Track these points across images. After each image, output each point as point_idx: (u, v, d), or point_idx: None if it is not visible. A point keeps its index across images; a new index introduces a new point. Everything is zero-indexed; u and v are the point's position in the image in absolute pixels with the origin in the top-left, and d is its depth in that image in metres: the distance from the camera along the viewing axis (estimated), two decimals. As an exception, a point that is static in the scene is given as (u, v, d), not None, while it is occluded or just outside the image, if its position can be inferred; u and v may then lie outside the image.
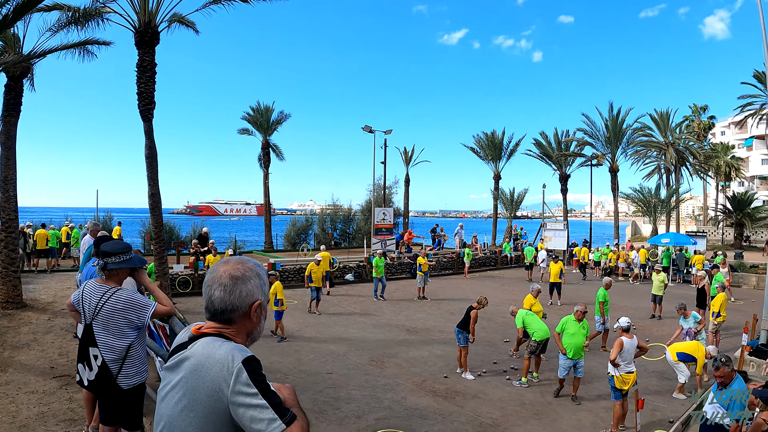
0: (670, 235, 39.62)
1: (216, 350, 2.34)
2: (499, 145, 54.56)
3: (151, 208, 19.79)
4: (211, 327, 2.50)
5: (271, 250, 43.32)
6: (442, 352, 16.98)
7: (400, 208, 53.93)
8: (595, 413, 12.61)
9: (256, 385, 2.26)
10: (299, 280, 28.89)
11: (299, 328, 19.22)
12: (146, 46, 19.45)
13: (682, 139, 57.84)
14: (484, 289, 29.32)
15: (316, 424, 11.12)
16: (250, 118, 46.07)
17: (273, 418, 2.23)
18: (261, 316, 2.61)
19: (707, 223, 73.69)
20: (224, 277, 2.50)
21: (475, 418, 11.97)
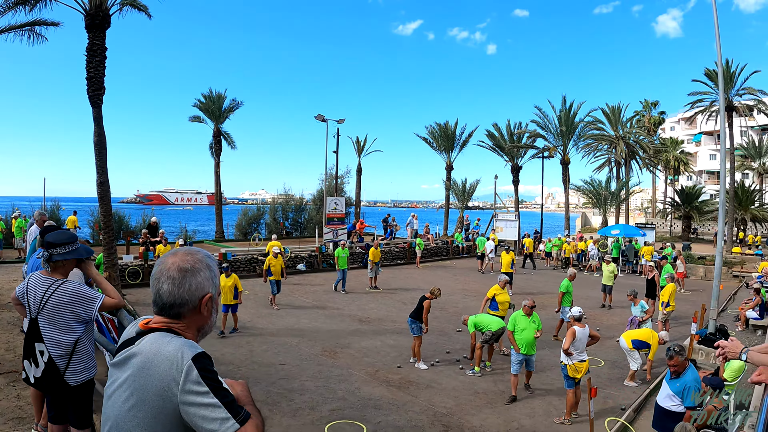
0: (620, 227, 40.21)
1: (164, 347, 2.23)
2: (451, 136, 54.71)
3: (99, 197, 19.42)
4: (160, 322, 2.39)
5: (222, 240, 42.93)
6: (394, 342, 16.98)
7: (352, 197, 53.90)
8: (548, 401, 12.72)
9: (207, 383, 2.17)
10: (251, 270, 28.72)
11: (251, 319, 19.06)
12: (97, 30, 19.05)
13: (632, 134, 58.60)
14: (436, 278, 29.42)
15: (270, 417, 11.03)
16: (202, 106, 45.34)
17: (226, 417, 2.14)
18: (212, 309, 2.51)
19: (656, 216, 75.05)
20: (173, 270, 2.38)
21: (429, 407, 11.99)
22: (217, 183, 46.25)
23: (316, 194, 51.19)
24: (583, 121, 52.68)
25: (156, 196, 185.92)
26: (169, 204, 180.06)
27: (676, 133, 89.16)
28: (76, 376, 5.38)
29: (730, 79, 43.20)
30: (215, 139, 45.41)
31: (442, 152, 55.70)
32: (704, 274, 34.08)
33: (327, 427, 10.70)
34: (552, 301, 24.05)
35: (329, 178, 45.38)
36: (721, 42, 17.67)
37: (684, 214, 53.66)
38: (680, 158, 73.05)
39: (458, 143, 55.25)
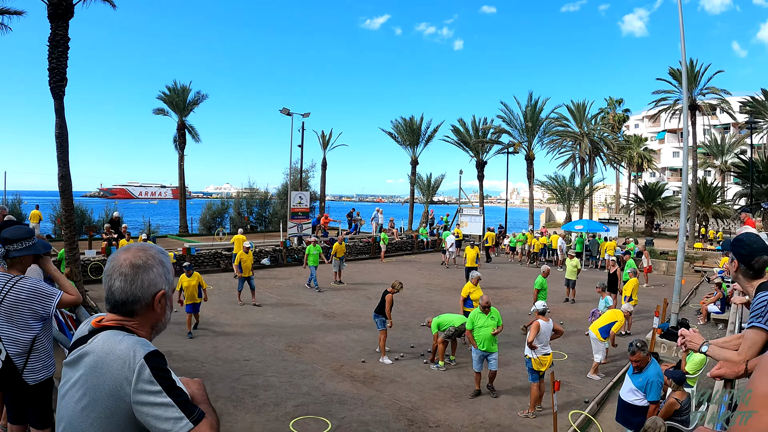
0: (584, 222, 40.62)
1: (117, 345, 2.17)
2: (417, 131, 54.80)
3: (61, 191, 19.15)
4: (113, 319, 2.33)
5: (186, 234, 42.57)
6: (359, 337, 16.98)
7: (316, 192, 53.74)
8: (512, 395, 12.79)
9: (160, 382, 2.12)
10: (215, 265, 28.58)
11: (215, 314, 18.95)
12: (60, 20, 18.75)
13: (597, 130, 59.05)
14: (401, 273, 29.44)
15: (234, 413, 10.99)
16: (166, 98, 44.88)
17: (179, 417, 2.09)
18: (166, 306, 2.44)
19: (619, 211, 75.75)
20: (125, 266, 2.32)
21: (394, 402, 12.00)
22: (181, 177, 45.92)
23: (280, 188, 51.04)
24: (549, 118, 53.16)
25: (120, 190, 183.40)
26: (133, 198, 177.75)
27: (640, 131, 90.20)
28: (34, 375, 5.27)
29: (694, 78, 43.66)
30: (179, 132, 45.01)
31: (407, 147, 55.81)
32: (666, 268, 34.51)
33: (291, 423, 10.66)
34: (516, 295, 24.27)
35: (294, 173, 45.25)
36: (685, 42, 17.88)
37: (647, 210, 54.28)
38: (644, 155, 73.84)
39: (423, 138, 55.41)
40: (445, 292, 24.91)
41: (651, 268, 30.33)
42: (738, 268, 4.11)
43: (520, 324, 18.50)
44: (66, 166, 18.87)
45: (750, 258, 3.99)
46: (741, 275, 4.11)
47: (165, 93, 44.86)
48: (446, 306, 20.89)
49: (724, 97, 45.41)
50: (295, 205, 35.58)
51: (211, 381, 12.63)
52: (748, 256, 4.00)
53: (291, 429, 10.43)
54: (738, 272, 4.12)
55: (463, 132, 55.35)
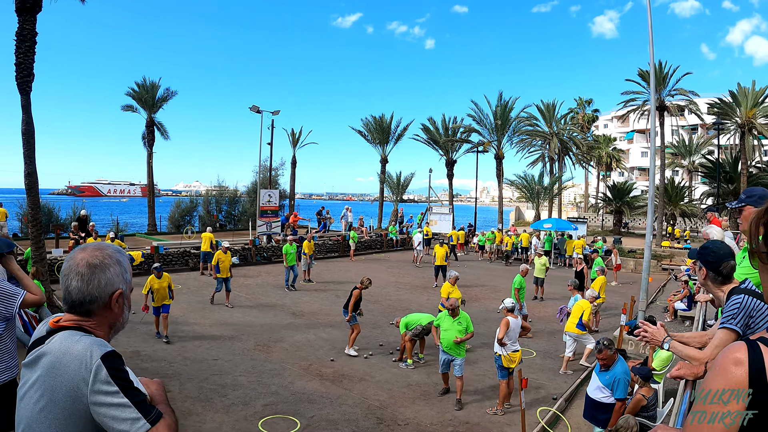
0: (552, 221, 40.93)
1: (73, 346, 2.16)
2: (387, 129, 54.89)
3: (27, 189, 18.91)
4: (70, 320, 2.31)
5: (155, 233, 42.17)
6: (328, 336, 16.96)
7: (286, 190, 53.70)
8: (481, 392, 12.85)
9: (116, 383, 2.11)
10: (183, 263, 28.42)
11: (183, 314, 18.82)
12: (27, 14, 18.50)
13: (566, 130, 59.45)
14: (370, 272, 29.42)
15: (202, 413, 10.93)
16: (135, 95, 44.27)
17: (136, 417, 2.09)
18: (123, 306, 2.43)
19: (588, 210, 76.42)
20: (81, 266, 2.31)
21: (362, 400, 12.01)
22: (149, 174, 45.51)
23: (250, 186, 50.83)
24: (518, 117, 53.42)
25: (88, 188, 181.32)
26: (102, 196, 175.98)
27: (609, 131, 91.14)
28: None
29: (662, 79, 44.14)
30: (148, 129, 44.53)
31: (377, 145, 55.89)
32: (634, 266, 34.85)
33: (260, 422, 10.63)
34: (485, 293, 24.36)
35: (263, 171, 45.15)
36: (655, 44, 18.11)
37: (615, 208, 54.82)
38: (612, 155, 74.58)
39: (393, 137, 55.53)
40: (414, 291, 24.96)
41: (620, 266, 30.61)
42: (706, 276, 4.16)
43: (489, 322, 18.59)
44: (32, 163, 18.64)
45: (717, 264, 4.04)
46: (710, 282, 4.16)
47: (134, 89, 44.26)
48: (415, 304, 20.96)
49: (692, 98, 45.96)
50: (265, 204, 35.45)
51: (180, 381, 12.56)
52: (715, 263, 4.05)
53: (260, 428, 10.39)
54: (707, 279, 4.17)
55: (433, 131, 55.58)
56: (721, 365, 1.59)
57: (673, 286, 27.06)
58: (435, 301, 20.80)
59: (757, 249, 1.69)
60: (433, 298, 22.16)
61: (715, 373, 1.60)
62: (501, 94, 52.07)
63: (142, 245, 30.32)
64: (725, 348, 1.64)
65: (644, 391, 9.62)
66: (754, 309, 3.69)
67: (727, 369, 1.56)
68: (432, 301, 21.27)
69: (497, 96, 52.24)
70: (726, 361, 1.58)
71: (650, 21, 18.21)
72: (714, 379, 1.59)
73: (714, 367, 1.62)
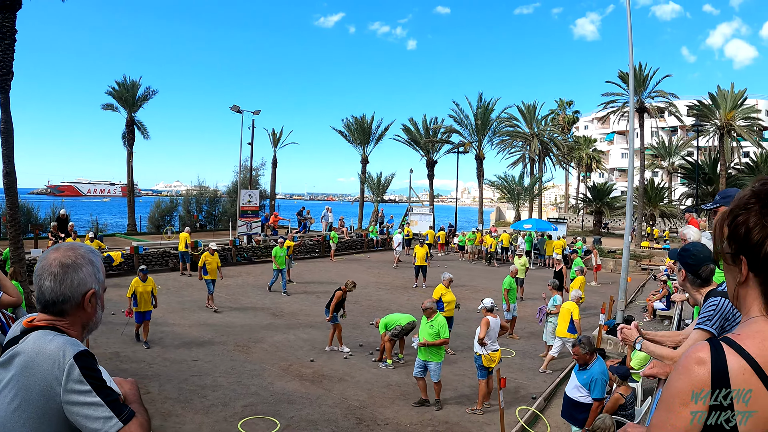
0: (533, 221, 41.15)
1: (47, 345, 2.16)
2: (367, 130, 54.94)
3: (5, 188, 18.79)
4: (43, 319, 2.32)
5: (135, 233, 41.95)
6: (308, 336, 16.96)
7: (266, 190, 53.56)
8: (460, 392, 12.91)
9: (89, 382, 2.11)
10: (163, 264, 28.31)
11: (163, 315, 18.71)
12: (7, 11, 18.36)
13: (547, 131, 59.73)
14: (350, 272, 29.44)
15: (182, 414, 10.91)
16: (115, 93, 44.00)
17: (109, 416, 2.09)
18: (96, 305, 2.43)
19: (568, 211, 76.83)
20: (54, 266, 2.32)
21: (342, 400, 12.03)
22: (129, 174, 45.28)
23: (230, 186, 50.64)
24: (499, 118, 53.58)
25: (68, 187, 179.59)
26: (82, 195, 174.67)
27: (590, 132, 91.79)
28: None
29: (642, 81, 44.50)
30: (128, 128, 44.30)
31: (357, 146, 55.93)
32: (614, 266, 35.11)
33: (240, 423, 10.62)
34: (465, 293, 24.39)
35: (244, 171, 45.03)
36: (636, 47, 18.35)
37: (595, 209, 55.19)
38: (593, 156, 74.96)
39: (374, 137, 55.60)
40: (394, 291, 25.00)
41: (600, 266, 30.81)
42: (686, 278, 4.21)
43: (469, 322, 18.64)
44: (11, 162, 18.50)
45: (697, 267, 4.09)
46: (689, 284, 4.21)
47: (114, 88, 43.99)
48: (395, 305, 21.00)
49: (672, 100, 46.38)
50: (245, 204, 35.35)
51: (159, 382, 12.52)
52: (695, 266, 4.10)
53: (240, 429, 10.39)
54: (686, 281, 4.23)
55: (413, 131, 55.68)
56: (684, 365, 1.61)
57: (652, 285, 27.27)
58: (415, 301, 20.88)
59: (722, 250, 1.73)
60: (414, 299, 22.21)
61: (678, 372, 1.63)
62: (481, 95, 52.21)
63: (121, 245, 30.17)
64: (689, 348, 1.67)
65: (622, 390, 9.69)
66: (730, 312, 3.74)
67: (690, 369, 1.59)
68: (412, 302, 21.32)
69: (478, 97, 52.38)
70: (689, 361, 1.60)
71: (630, 23, 18.40)
72: (677, 378, 1.62)
73: (677, 367, 1.64)
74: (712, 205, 4.95)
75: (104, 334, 15.66)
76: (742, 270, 1.66)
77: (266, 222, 39.92)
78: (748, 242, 1.60)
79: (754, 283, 1.64)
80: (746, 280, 1.66)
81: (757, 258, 1.59)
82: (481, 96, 52.14)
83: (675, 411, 1.60)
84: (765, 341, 1.57)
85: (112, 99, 44.20)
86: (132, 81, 44.29)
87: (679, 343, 4.33)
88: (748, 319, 1.66)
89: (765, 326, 1.60)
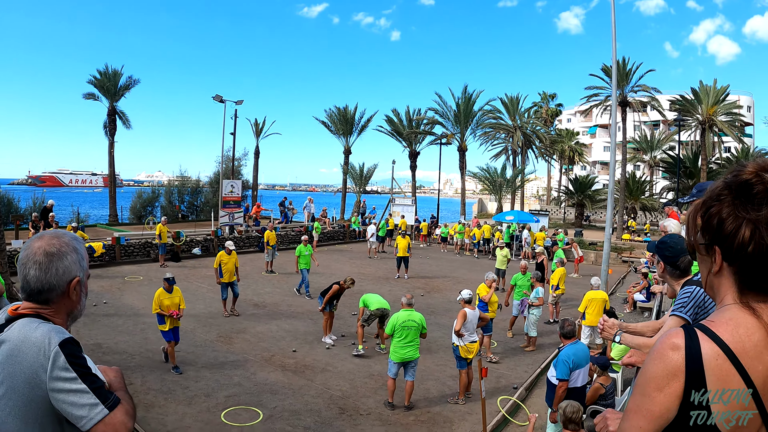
0: (514, 213, 41.13)
1: (32, 333, 2.16)
2: (350, 120, 54.87)
3: (-16, 179, 18.66)
4: (28, 307, 2.31)
5: (116, 224, 41.82)
6: (290, 327, 16.98)
7: (249, 180, 53.48)
8: (442, 382, 12.98)
9: (75, 369, 2.12)
10: (145, 254, 28.16)
11: (144, 305, 18.59)
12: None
13: (530, 124, 59.65)
14: (333, 263, 29.45)
15: (165, 405, 10.92)
16: (97, 83, 43.87)
17: (94, 403, 2.10)
18: (81, 293, 2.44)
19: (550, 203, 76.94)
20: (39, 254, 2.32)
21: (325, 390, 12.07)
22: (111, 164, 45.13)
23: (212, 177, 50.46)
24: (482, 110, 53.57)
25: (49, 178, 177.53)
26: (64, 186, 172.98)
27: (573, 125, 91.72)
28: None
29: (625, 76, 44.67)
30: (110, 117, 44.16)
31: (340, 136, 55.86)
32: (595, 259, 35.25)
33: (223, 413, 10.65)
34: (447, 284, 24.48)
35: (226, 161, 44.82)
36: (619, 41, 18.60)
37: (577, 202, 55.38)
38: (575, 149, 74.96)
39: (357, 128, 55.56)
40: (376, 282, 25.00)
41: (582, 258, 30.97)
42: (664, 269, 4.28)
43: (451, 312, 18.72)
44: (-10, 153, 18.36)
45: (675, 259, 4.16)
46: (668, 275, 4.29)
47: (96, 77, 43.79)
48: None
49: (654, 94, 46.57)
50: (227, 194, 35.20)
51: (142, 373, 12.51)
52: (672, 258, 4.18)
53: (223, 420, 10.42)
54: (665, 273, 4.30)
55: (396, 122, 55.60)
56: (659, 350, 1.66)
57: (633, 278, 27.43)
58: (397, 292, 20.89)
59: (695, 241, 1.77)
60: (395, 290, 22.23)
61: (653, 357, 1.67)
62: (465, 87, 52.23)
63: (103, 236, 30.02)
64: (664, 334, 1.71)
65: (602, 380, 9.81)
66: (705, 300, 3.81)
67: (665, 354, 1.63)
68: (394, 292, 21.31)
69: (462, 89, 52.41)
70: (663, 347, 1.65)
71: (614, 17, 18.56)
72: (652, 363, 1.66)
73: (652, 352, 1.69)
74: (689, 198, 5.03)
75: (87, 325, 15.61)
76: (716, 260, 1.70)
77: (248, 213, 39.82)
78: (722, 233, 1.65)
79: (728, 272, 1.69)
80: (720, 270, 1.71)
81: (730, 248, 1.64)
82: (465, 88, 52.19)
83: (649, 395, 1.64)
84: (738, 328, 1.61)
85: (93, 88, 44.06)
86: (114, 70, 44.10)
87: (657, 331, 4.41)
88: (722, 307, 1.71)
89: (738, 314, 1.65)
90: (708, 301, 3.78)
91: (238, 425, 10.32)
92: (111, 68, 44.20)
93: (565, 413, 7.47)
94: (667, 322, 4.02)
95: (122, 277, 22.94)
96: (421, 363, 12.81)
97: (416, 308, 12.21)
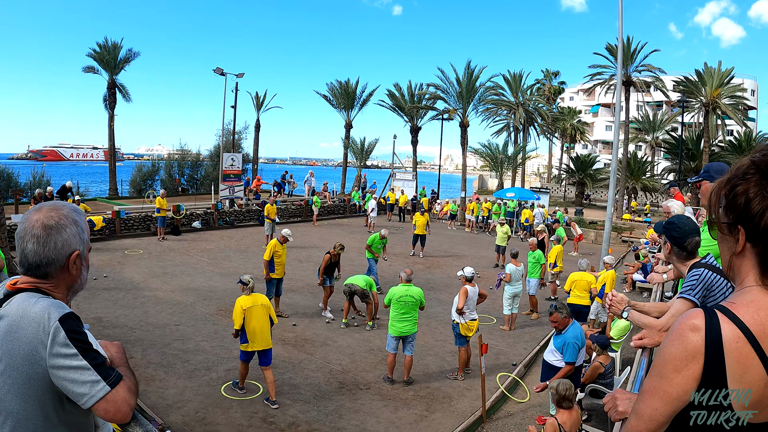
0: (515, 190, 41.16)
1: (31, 308, 2.11)
2: (352, 94, 54.50)
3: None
4: (27, 282, 2.25)
5: (116, 197, 41.73)
6: (290, 301, 17.01)
7: (249, 154, 53.35)
8: (441, 358, 13.03)
9: (75, 345, 2.07)
10: (145, 228, 28.10)
11: (145, 279, 18.67)
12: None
13: (532, 101, 59.47)
14: (333, 236, 29.36)
15: (165, 379, 10.94)
16: (97, 56, 43.42)
17: (96, 380, 2.06)
18: (81, 267, 2.36)
19: (551, 181, 76.77)
20: (37, 227, 2.23)
21: (325, 365, 12.11)
22: (111, 138, 44.93)
23: (213, 150, 50.41)
24: (484, 86, 53.20)
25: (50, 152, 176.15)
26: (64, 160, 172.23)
27: (575, 103, 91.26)
28: None
29: (630, 55, 44.35)
30: (110, 91, 43.83)
31: (341, 110, 55.47)
32: (595, 238, 35.27)
33: (223, 387, 10.68)
34: (448, 261, 24.50)
35: (227, 134, 44.68)
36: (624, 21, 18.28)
37: (578, 180, 55.25)
38: (577, 127, 74.73)
39: (358, 102, 55.15)
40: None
41: (582, 236, 30.99)
42: (671, 251, 4.24)
43: (451, 288, 18.73)
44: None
45: (682, 240, 4.12)
46: (675, 257, 4.25)
47: (95, 50, 43.35)
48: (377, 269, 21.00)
49: (658, 75, 46.27)
50: (227, 167, 35.13)
51: (142, 347, 12.52)
52: (680, 239, 4.13)
53: (223, 393, 10.45)
54: (672, 254, 4.26)
55: (398, 97, 55.22)
56: (678, 331, 1.62)
57: (632, 258, 27.45)
58: (396, 267, 20.84)
59: (717, 219, 1.73)
60: (395, 265, 22.11)
61: (671, 338, 1.64)
62: (469, 63, 51.87)
63: (103, 210, 29.95)
64: (683, 314, 1.68)
65: (602, 359, 9.82)
66: (713, 283, 3.78)
67: (684, 335, 1.60)
68: (393, 267, 21.25)
69: (464, 64, 52.03)
70: (683, 327, 1.61)
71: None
72: (671, 344, 1.63)
73: (671, 333, 1.65)
74: (697, 178, 4.99)
75: (86, 299, 15.58)
76: (739, 240, 1.66)
77: (248, 186, 39.76)
78: (748, 212, 1.61)
79: (751, 253, 1.65)
80: (743, 251, 1.67)
81: (756, 229, 1.60)
82: (468, 64, 51.88)
83: (667, 377, 1.61)
84: (759, 310, 1.58)
85: (93, 61, 43.65)
86: (114, 43, 43.68)
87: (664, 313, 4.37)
88: (743, 289, 1.67)
89: (760, 296, 1.61)
90: (716, 284, 3.76)
91: (237, 399, 10.37)
92: (111, 41, 43.75)
93: (558, 391, 7.47)
94: (674, 305, 3.99)
95: (122, 251, 22.87)
96: (420, 338, 12.88)
97: (416, 283, 12.24)
